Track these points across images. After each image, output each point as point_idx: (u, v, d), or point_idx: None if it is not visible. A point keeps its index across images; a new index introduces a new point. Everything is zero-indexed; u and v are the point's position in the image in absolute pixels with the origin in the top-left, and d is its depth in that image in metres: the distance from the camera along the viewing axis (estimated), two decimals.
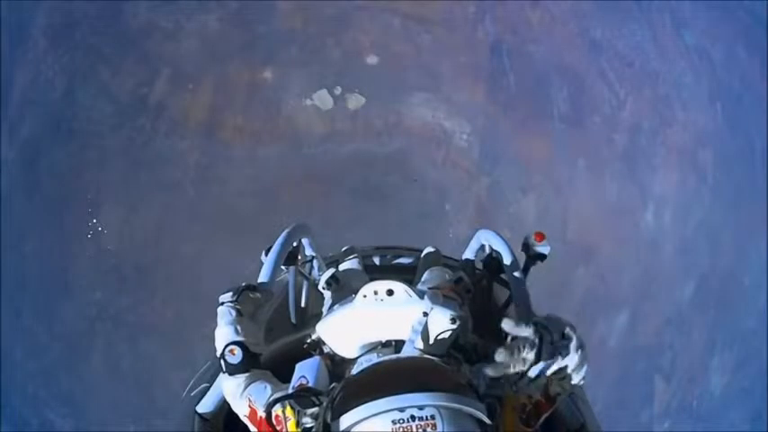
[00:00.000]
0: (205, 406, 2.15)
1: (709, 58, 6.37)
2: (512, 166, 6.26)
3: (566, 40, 6.42)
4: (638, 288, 6.22)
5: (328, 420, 1.44)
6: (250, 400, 1.81)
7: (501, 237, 2.53)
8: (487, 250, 2.62)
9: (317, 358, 1.85)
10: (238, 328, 1.94)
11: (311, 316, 2.54)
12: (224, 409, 2.13)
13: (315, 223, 2.94)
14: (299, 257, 2.65)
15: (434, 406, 1.40)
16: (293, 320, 2.56)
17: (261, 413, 1.74)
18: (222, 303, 2.01)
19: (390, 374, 1.52)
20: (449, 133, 6.23)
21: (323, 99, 6.18)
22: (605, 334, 6.11)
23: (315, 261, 2.81)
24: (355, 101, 6.19)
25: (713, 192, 6.25)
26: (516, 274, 2.38)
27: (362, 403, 1.41)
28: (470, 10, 6.39)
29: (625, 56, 6.41)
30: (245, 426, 1.82)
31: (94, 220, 5.72)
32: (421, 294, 1.98)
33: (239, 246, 5.09)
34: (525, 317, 2.15)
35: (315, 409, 1.62)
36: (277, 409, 1.67)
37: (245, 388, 1.83)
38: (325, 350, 2.03)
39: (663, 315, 6.24)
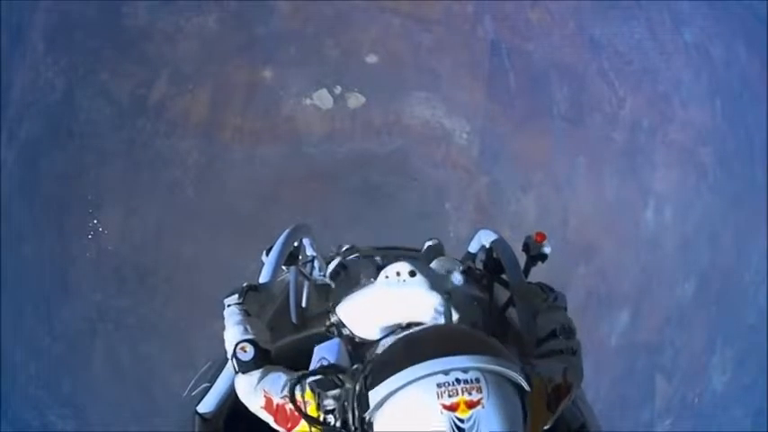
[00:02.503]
0: (205, 406, 2.15)
1: (708, 55, 6.38)
2: (512, 164, 6.26)
3: (565, 39, 6.42)
4: (639, 286, 6.23)
5: (364, 391, 1.41)
6: (265, 391, 1.77)
7: (501, 237, 2.54)
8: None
9: (336, 340, 1.84)
10: (247, 327, 1.94)
11: (312, 316, 2.54)
12: (224, 409, 2.14)
13: (315, 223, 2.94)
14: (300, 257, 2.66)
15: (478, 369, 1.36)
16: (294, 320, 2.56)
17: (277, 400, 1.72)
18: (228, 306, 2.01)
19: (429, 340, 1.48)
20: (448, 132, 6.23)
21: (323, 98, 6.18)
22: (606, 332, 6.11)
23: (315, 261, 2.81)
24: (355, 100, 6.19)
25: (713, 189, 6.26)
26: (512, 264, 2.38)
27: (401, 369, 1.37)
28: (470, 9, 6.39)
29: (624, 54, 6.40)
30: (246, 426, 1.82)
31: (94, 222, 5.72)
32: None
33: (240, 246, 5.11)
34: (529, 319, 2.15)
35: (336, 391, 1.57)
36: (296, 393, 1.63)
37: (260, 381, 1.80)
38: (345, 333, 2.03)
39: (664, 313, 6.24)
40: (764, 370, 5.75)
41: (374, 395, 1.39)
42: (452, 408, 1.31)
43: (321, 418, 1.58)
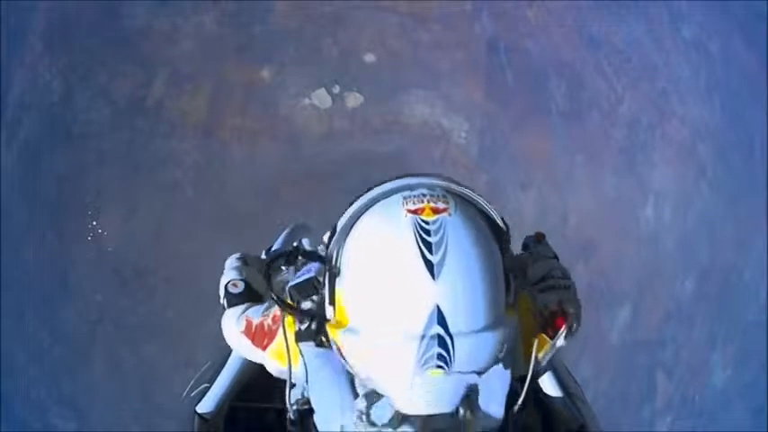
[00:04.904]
0: (205, 406, 2.16)
1: (706, 51, 6.36)
2: (510, 162, 6.26)
3: (563, 36, 6.41)
4: (639, 283, 6.22)
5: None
6: (247, 316, 1.77)
7: None
8: None
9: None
10: (242, 270, 2.00)
11: None
12: (223, 409, 2.14)
13: (314, 222, 2.95)
14: (299, 258, 2.65)
15: (446, 188, 1.36)
16: None
17: (257, 320, 1.72)
18: (231, 257, 2.14)
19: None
20: (447, 130, 6.23)
21: (321, 98, 6.18)
22: (607, 329, 6.11)
23: None
24: (353, 99, 6.19)
25: (713, 186, 6.24)
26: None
27: (366, 192, 1.41)
28: (467, 7, 6.39)
29: (622, 51, 6.39)
30: (245, 426, 1.83)
31: (94, 223, 5.72)
32: None
33: (239, 246, 5.07)
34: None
35: (316, 297, 1.57)
36: (273, 310, 1.67)
37: (245, 311, 1.81)
38: None
39: (664, 309, 6.23)
40: (765, 367, 5.74)
41: (340, 223, 1.42)
42: (417, 212, 1.27)
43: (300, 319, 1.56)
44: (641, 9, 6.45)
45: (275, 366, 1.69)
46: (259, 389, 2.21)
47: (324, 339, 1.46)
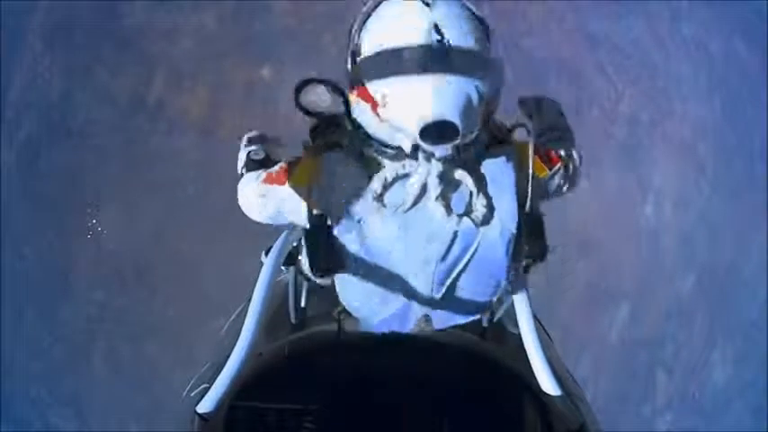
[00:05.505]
0: (205, 406, 2.15)
1: (707, 50, 6.36)
2: None
3: (563, 34, 6.41)
4: (639, 281, 6.23)
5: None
6: (267, 172, 1.93)
7: None
8: None
9: None
10: (262, 145, 2.27)
11: (311, 316, 2.55)
12: (224, 408, 2.14)
13: None
14: (300, 257, 2.65)
15: None
16: (293, 320, 2.57)
17: (276, 168, 1.89)
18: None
19: None
20: None
21: (320, 95, 6.15)
22: (606, 327, 6.12)
23: None
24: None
25: (712, 184, 6.25)
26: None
27: None
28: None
29: (623, 49, 6.39)
30: (245, 426, 1.82)
31: (94, 221, 5.71)
32: None
33: (239, 245, 5.10)
34: None
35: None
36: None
37: (263, 171, 1.96)
38: None
39: (664, 308, 6.24)
40: (765, 366, 5.76)
41: (357, 19, 1.74)
42: None
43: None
44: (642, 7, 6.45)
45: (296, 197, 1.79)
46: (259, 389, 2.21)
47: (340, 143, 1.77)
